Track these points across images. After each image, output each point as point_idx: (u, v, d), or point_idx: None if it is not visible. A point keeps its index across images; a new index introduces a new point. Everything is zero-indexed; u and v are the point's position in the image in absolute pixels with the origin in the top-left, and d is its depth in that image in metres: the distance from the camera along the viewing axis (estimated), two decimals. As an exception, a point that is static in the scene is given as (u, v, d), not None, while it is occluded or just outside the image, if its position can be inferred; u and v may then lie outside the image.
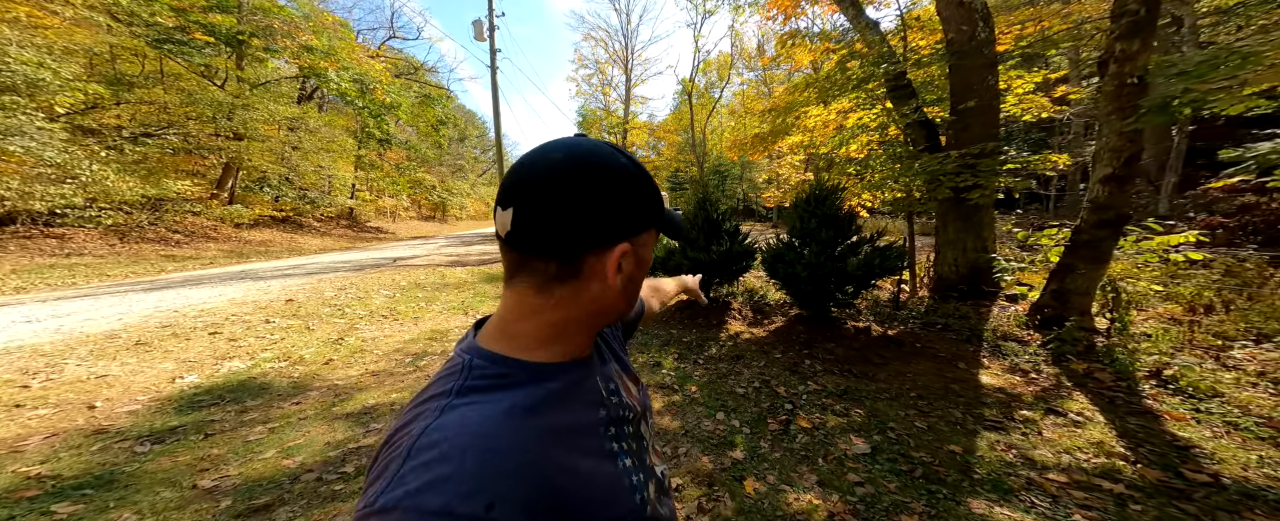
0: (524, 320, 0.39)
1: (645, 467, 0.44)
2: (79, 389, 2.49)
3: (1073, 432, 1.96)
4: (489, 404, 0.34)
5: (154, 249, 10.61)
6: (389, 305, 5.10)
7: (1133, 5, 2.33)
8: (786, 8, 6.44)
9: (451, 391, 0.35)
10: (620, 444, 0.42)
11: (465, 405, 0.34)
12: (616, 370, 0.50)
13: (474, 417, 0.33)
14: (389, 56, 21.37)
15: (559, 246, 0.37)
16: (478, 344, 0.40)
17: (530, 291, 0.38)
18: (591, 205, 0.36)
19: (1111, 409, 2.14)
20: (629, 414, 0.46)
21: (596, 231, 0.37)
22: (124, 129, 11.46)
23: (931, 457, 1.82)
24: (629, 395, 0.48)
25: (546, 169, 0.36)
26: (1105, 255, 2.80)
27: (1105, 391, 2.30)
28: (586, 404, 0.41)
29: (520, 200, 0.36)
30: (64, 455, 1.84)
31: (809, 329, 3.71)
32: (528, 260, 0.38)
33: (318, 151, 16.84)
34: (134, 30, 10.40)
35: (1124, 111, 2.38)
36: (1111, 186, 2.62)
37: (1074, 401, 2.23)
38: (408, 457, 0.29)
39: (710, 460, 1.97)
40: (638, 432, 0.46)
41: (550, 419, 0.36)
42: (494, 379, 0.37)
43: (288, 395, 2.58)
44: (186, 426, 2.12)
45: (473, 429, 0.32)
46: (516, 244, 0.37)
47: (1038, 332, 3.00)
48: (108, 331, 3.60)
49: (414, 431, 0.32)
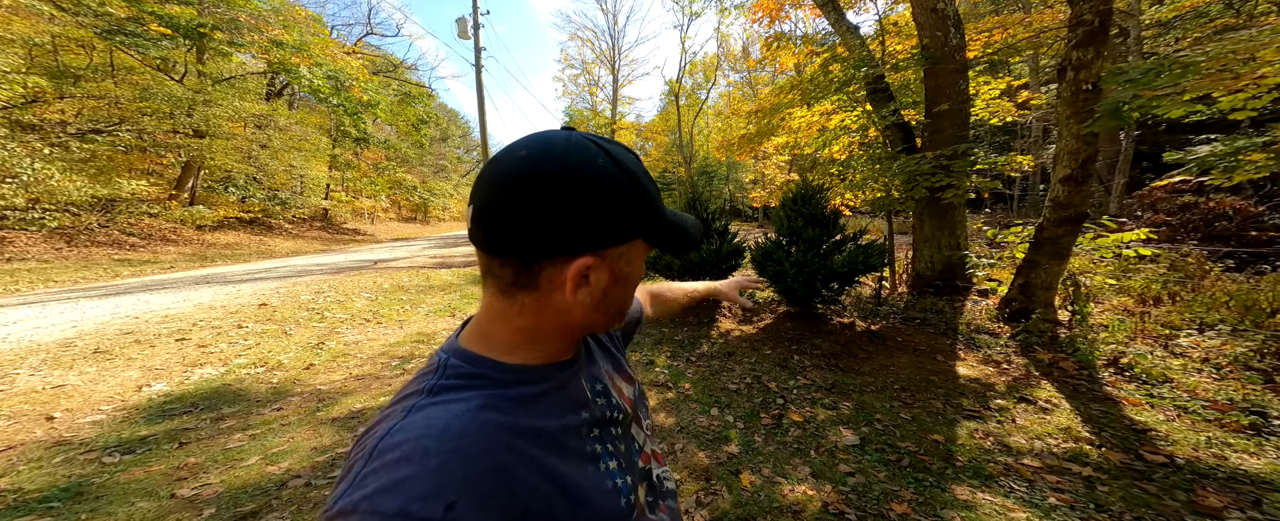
0: (495, 323, 0.38)
1: (634, 469, 0.42)
2: (34, 400, 2.32)
3: (1042, 419, 2.09)
4: (458, 403, 0.33)
5: (106, 252, 9.94)
6: (371, 308, 4.94)
7: (1087, 16, 2.51)
8: (771, 10, 6.60)
9: (423, 391, 0.34)
10: (605, 445, 0.40)
11: (434, 405, 0.33)
12: (607, 370, 0.48)
13: (440, 418, 0.32)
14: (366, 53, 20.71)
15: (514, 251, 0.35)
16: (458, 343, 0.39)
17: (496, 294, 0.37)
18: (547, 211, 0.33)
19: (1075, 396, 2.30)
20: (618, 415, 0.45)
21: (553, 241, 0.34)
22: (69, 125, 10.68)
23: (916, 447, 1.91)
24: (620, 396, 0.47)
25: (506, 167, 0.34)
26: (1066, 251, 3.00)
27: (1069, 380, 2.47)
28: (567, 406, 0.40)
29: (479, 197, 0.35)
30: (23, 468, 1.71)
31: (797, 325, 3.81)
32: (490, 261, 0.37)
33: (288, 150, 16.13)
34: (81, 20, 9.71)
35: (1080, 116, 2.57)
36: (1070, 187, 2.81)
37: (1042, 390, 2.38)
38: (369, 459, 0.29)
39: (706, 455, 2.01)
40: (627, 434, 0.45)
41: (524, 420, 0.35)
42: (467, 379, 0.36)
43: (267, 401, 2.47)
44: (158, 436, 2.01)
45: (437, 429, 0.30)
46: (476, 241, 0.36)
47: (1007, 325, 3.19)
48: (61, 340, 3.36)
49: (379, 432, 0.31)
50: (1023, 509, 1.52)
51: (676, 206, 5.12)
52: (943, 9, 3.69)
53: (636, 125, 28.31)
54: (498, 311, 0.38)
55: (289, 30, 12.71)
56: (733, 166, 27.21)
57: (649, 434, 0.50)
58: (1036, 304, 3.09)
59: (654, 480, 0.45)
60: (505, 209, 0.33)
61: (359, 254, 12.24)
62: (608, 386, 0.46)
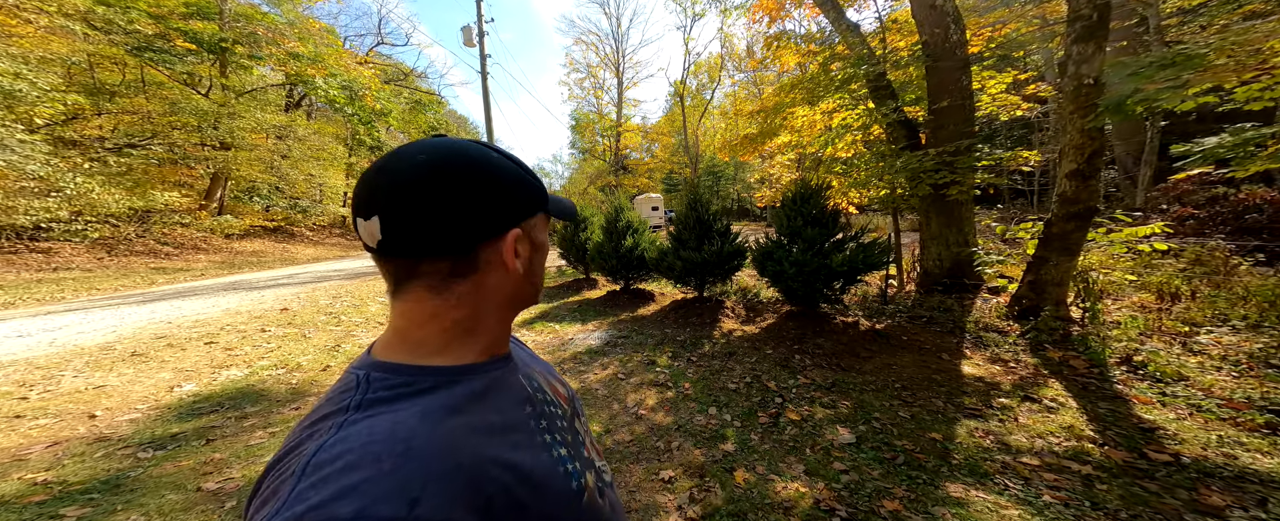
0: (423, 326, 0.38)
1: (582, 458, 0.44)
2: (78, 399, 2.51)
3: (1046, 418, 2.06)
4: (397, 412, 0.32)
5: (143, 261, 10.49)
6: (385, 312, 5.11)
7: (1085, 10, 2.45)
8: (772, 10, 6.58)
9: (349, 407, 0.32)
10: (551, 435, 0.41)
11: (368, 417, 0.31)
12: (539, 371, 0.50)
13: (382, 426, 0.30)
14: (377, 63, 21.31)
15: (450, 243, 0.36)
16: (373, 357, 0.38)
17: (426, 295, 0.37)
18: (476, 197, 0.36)
19: (1084, 394, 2.25)
20: (557, 410, 0.46)
21: (486, 221, 0.37)
22: (107, 140, 11.32)
23: (913, 445, 1.91)
24: (556, 394, 0.48)
25: (415, 171, 0.35)
26: (1075, 247, 2.92)
27: (1079, 378, 2.41)
28: (512, 400, 0.40)
29: (387, 207, 0.35)
30: (68, 462, 1.87)
31: (799, 325, 3.80)
32: (416, 265, 0.36)
33: (307, 159, 16.73)
34: (113, 39, 10.29)
35: (1083, 110, 2.51)
36: (1077, 181, 2.74)
37: (1049, 388, 2.33)
38: (303, 475, 0.27)
39: (702, 453, 2.04)
40: (571, 427, 0.47)
41: (472, 417, 0.35)
42: (397, 389, 0.34)
43: (287, 401, 2.61)
44: (187, 433, 2.15)
45: (382, 435, 0.30)
46: (394, 251, 0.36)
47: (1016, 323, 3.12)
48: (102, 344, 3.59)
49: (307, 451, 0.29)
50: (1016, 506, 1.52)
51: (681, 207, 5.15)
52: (941, 5, 3.63)
53: (642, 127, 28.37)
54: (429, 312, 0.37)
55: (304, 42, 13.19)
56: (739, 166, 27.02)
57: (585, 430, 0.52)
58: (1047, 301, 3.02)
59: (598, 469, 0.47)
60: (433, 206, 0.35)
61: (375, 259, 12.59)
62: (542, 385, 0.47)
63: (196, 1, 11.14)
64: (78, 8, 9.21)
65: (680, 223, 4.89)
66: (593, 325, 4.43)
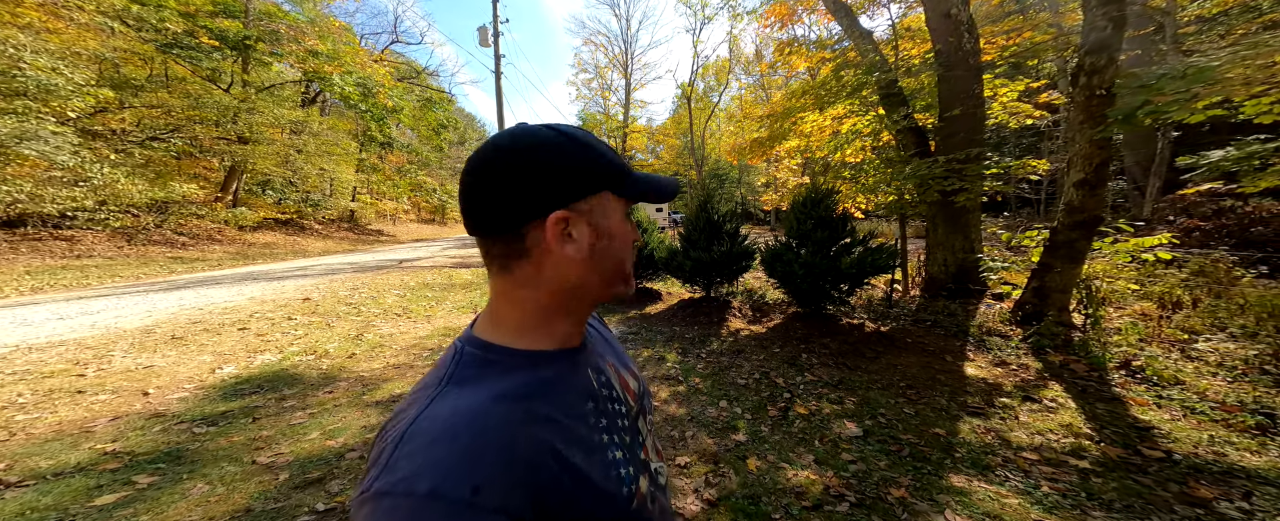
0: (503, 304, 0.41)
1: (638, 461, 0.43)
2: (130, 377, 2.67)
3: (1046, 417, 2.16)
4: (478, 391, 0.35)
5: (161, 251, 10.75)
6: (401, 304, 5.27)
7: (1100, 22, 2.53)
8: (784, 15, 6.67)
9: (443, 380, 0.36)
10: (611, 436, 0.41)
11: (454, 393, 0.35)
12: (612, 363, 0.49)
13: (463, 404, 0.33)
14: (391, 61, 21.59)
15: (498, 222, 0.38)
16: (472, 333, 0.41)
17: (499, 274, 0.40)
18: (515, 179, 0.37)
19: (1083, 396, 2.34)
20: (623, 408, 0.46)
21: (527, 203, 0.38)
22: (130, 133, 11.62)
23: (918, 439, 2.01)
24: (625, 390, 0.48)
25: (476, 156, 0.39)
26: (1080, 255, 3.01)
27: (1079, 381, 2.50)
28: (576, 394, 0.41)
29: (464, 190, 0.39)
30: (131, 435, 2.02)
31: (806, 325, 3.90)
32: (488, 243, 0.39)
33: (320, 154, 17.02)
34: (143, 35, 10.59)
35: (1094, 120, 2.59)
36: (1084, 191, 2.82)
37: (1049, 390, 2.43)
38: (399, 445, 0.31)
39: (714, 442, 2.15)
40: (633, 427, 0.46)
41: (537, 406, 0.36)
42: (482, 366, 0.38)
43: (319, 385, 2.76)
44: (234, 411, 2.30)
45: (461, 415, 0.32)
46: (472, 229, 0.40)
47: (1019, 328, 3.21)
48: (142, 327, 3.78)
49: (405, 420, 0.33)
50: (1016, 496, 1.62)
51: (688, 209, 5.26)
52: (956, 14, 3.71)
53: (648, 128, 28.48)
54: (503, 290, 0.40)
55: (323, 40, 13.44)
56: (744, 170, 27.06)
57: (651, 430, 0.51)
58: (1050, 307, 3.11)
59: (653, 472, 0.46)
60: (483, 188, 0.38)
61: (384, 254, 12.83)
62: (612, 379, 0.47)
63: (224, 0, 11.43)
64: (114, 5, 9.51)
65: (690, 223, 5.00)
66: (603, 321, 4.55)
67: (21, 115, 7.67)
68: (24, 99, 7.75)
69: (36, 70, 7.73)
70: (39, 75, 7.72)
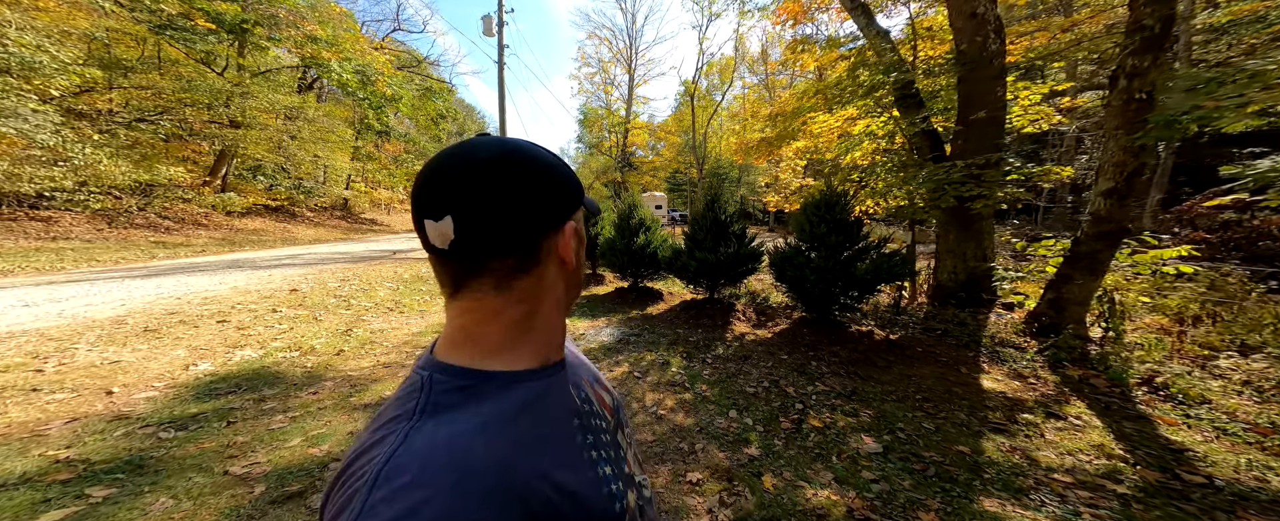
0: (487, 324, 0.38)
1: (624, 475, 0.43)
2: (94, 374, 2.48)
3: (1073, 435, 2.06)
4: (458, 421, 0.33)
5: (143, 234, 10.43)
6: (394, 297, 5.09)
7: (1148, 21, 2.41)
8: (796, 12, 6.53)
9: (414, 412, 0.33)
10: (598, 451, 0.41)
11: (432, 425, 0.32)
12: (587, 379, 0.49)
13: (443, 437, 0.31)
14: (392, 49, 21.21)
15: (520, 239, 0.36)
16: (435, 358, 0.38)
17: (491, 292, 0.37)
18: (540, 191, 0.37)
19: (1107, 413, 2.24)
20: (603, 423, 0.45)
21: (549, 215, 0.38)
22: (117, 113, 11.24)
23: (942, 457, 1.90)
24: (602, 405, 0.48)
25: (481, 167, 0.35)
26: (1102, 267, 2.91)
27: (1101, 397, 2.41)
28: (561, 412, 0.40)
29: (462, 205, 0.34)
30: (89, 440, 1.84)
31: (814, 331, 3.79)
32: (482, 264, 0.36)
33: (315, 141, 16.66)
34: (136, 16, 10.23)
35: (1131, 126, 2.48)
36: (1112, 201, 2.72)
37: (1072, 406, 2.33)
38: (375, 485, 0.28)
39: (726, 456, 2.03)
40: (614, 441, 0.45)
41: (524, 430, 0.35)
42: (459, 393, 0.35)
43: (303, 385, 2.59)
44: (207, 414, 2.12)
45: (444, 450, 0.30)
46: (465, 249, 0.35)
47: (1034, 340, 3.11)
48: (113, 317, 3.56)
49: (379, 458, 0.30)
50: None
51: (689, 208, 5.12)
52: (982, 13, 3.58)
53: (649, 125, 28.28)
54: (492, 309, 0.38)
55: (323, 26, 13.11)
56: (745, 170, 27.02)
57: (630, 443, 0.50)
58: (1067, 319, 3.02)
59: (638, 485, 0.46)
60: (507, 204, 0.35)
61: (377, 243, 12.57)
62: (590, 394, 0.46)
63: (222, -17, 11.09)
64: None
65: (696, 223, 4.87)
66: (602, 321, 4.42)
67: (2, 92, 7.35)
68: (5, 76, 7.42)
69: (20, 47, 7.40)
70: (22, 52, 7.40)
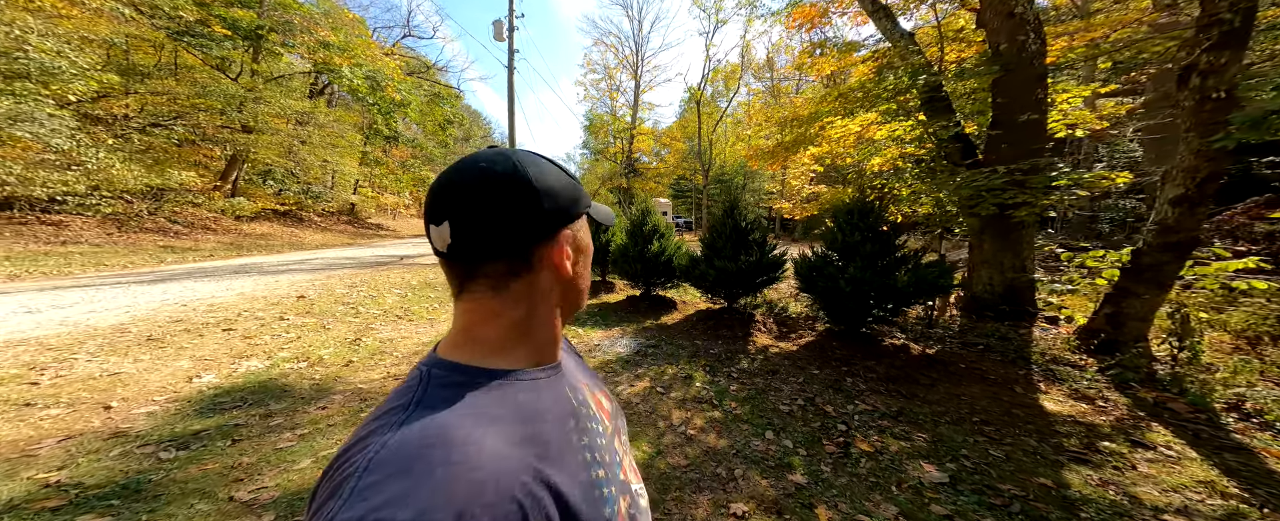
0: (486, 324, 0.39)
1: (618, 481, 0.43)
2: (92, 387, 2.33)
3: (1171, 469, 1.84)
4: (451, 412, 0.33)
5: (152, 239, 10.43)
6: (402, 305, 4.96)
7: (1226, 15, 2.23)
8: (813, 16, 6.43)
9: (409, 404, 0.34)
10: (592, 455, 0.41)
11: (426, 415, 0.33)
12: (585, 383, 0.49)
13: (436, 428, 0.31)
14: (402, 55, 21.45)
15: (508, 246, 0.38)
16: (437, 355, 0.39)
17: (488, 294, 0.39)
18: (527, 204, 0.38)
19: (1199, 443, 2.02)
20: (599, 427, 0.45)
21: (538, 225, 0.39)
22: (132, 118, 11.34)
23: (1021, 490, 1.70)
24: (599, 409, 0.48)
25: (477, 179, 0.37)
26: (1168, 280, 2.70)
27: (1186, 424, 2.19)
28: (556, 412, 0.40)
29: (456, 213, 0.37)
30: (83, 460, 1.69)
31: (844, 345, 3.60)
32: (477, 267, 0.38)
33: (325, 146, 16.74)
34: (155, 22, 10.37)
35: (1205, 128, 2.29)
36: (1182, 209, 2.52)
37: (1156, 433, 2.11)
38: (366, 472, 0.28)
39: (770, 484, 1.85)
40: (610, 446, 0.46)
41: (517, 426, 0.35)
42: (455, 387, 0.36)
43: (311, 398, 2.43)
44: (211, 431, 1.97)
45: (435, 437, 0.30)
46: (461, 253, 0.38)
47: (1092, 358, 2.90)
48: (116, 325, 3.43)
49: (372, 446, 0.30)
50: (1172, 580, 1.31)
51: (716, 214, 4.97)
52: (1021, 12, 3.41)
53: (654, 131, 28.33)
54: (490, 311, 0.39)
55: (336, 32, 13.28)
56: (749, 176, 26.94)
57: (625, 448, 0.51)
58: (1128, 336, 2.80)
59: (633, 494, 0.45)
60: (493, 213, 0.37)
61: (384, 248, 12.51)
62: (587, 398, 0.47)
63: (240, -11, 11.27)
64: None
65: (714, 230, 4.71)
66: (616, 331, 4.25)
67: (20, 97, 7.40)
68: (24, 81, 7.48)
69: (40, 53, 7.47)
70: (42, 58, 7.47)
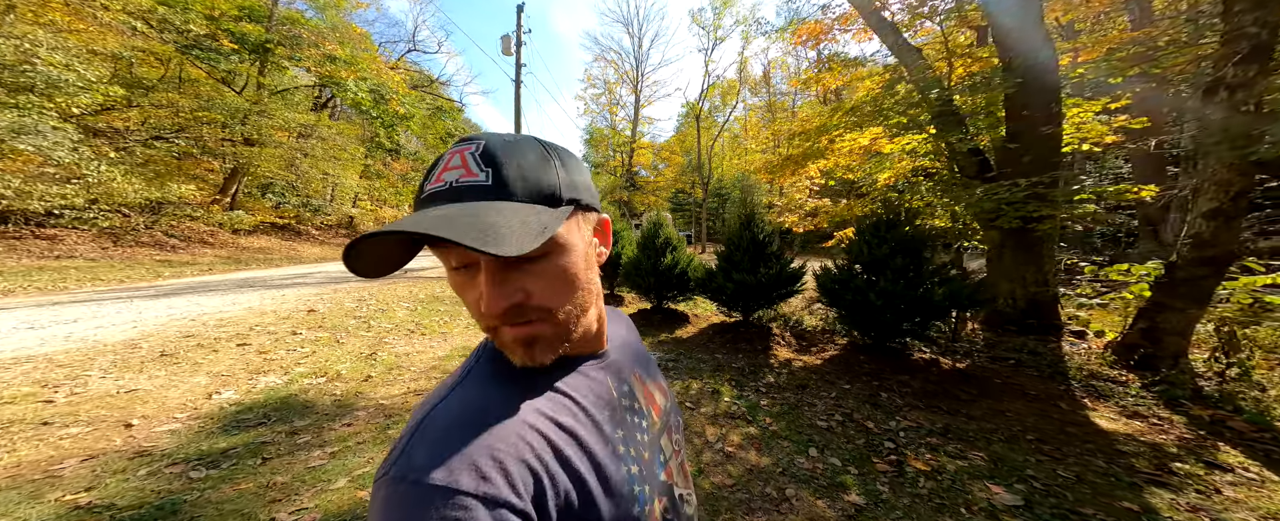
0: None
1: (654, 480, 0.42)
2: (110, 404, 2.21)
3: (1257, 492, 1.76)
4: (494, 388, 0.36)
5: (148, 253, 10.24)
6: (413, 319, 4.86)
7: (1251, 28, 2.31)
8: (817, 33, 6.61)
9: (463, 376, 0.38)
10: (628, 449, 0.40)
11: (474, 388, 0.35)
12: (638, 375, 0.49)
13: (478, 400, 0.34)
14: (407, 69, 21.78)
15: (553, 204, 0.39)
16: None
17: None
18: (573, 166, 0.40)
19: (1274, 464, 1.95)
20: (644, 422, 0.45)
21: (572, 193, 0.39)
22: (135, 131, 11.28)
23: (1108, 516, 1.62)
24: (650, 403, 0.48)
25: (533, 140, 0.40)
26: (1206, 295, 2.69)
27: (1252, 443, 2.12)
28: (596, 402, 0.40)
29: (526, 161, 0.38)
30: (110, 481, 1.58)
31: (872, 359, 3.55)
32: None
33: (327, 159, 16.73)
34: (164, 36, 10.46)
35: (1235, 141, 2.33)
36: (1218, 222, 2.54)
37: (1227, 454, 2.04)
38: (414, 433, 0.31)
39: (825, 505, 1.77)
40: (654, 444, 0.45)
41: (553, 409, 0.36)
42: (502, 366, 0.38)
43: (334, 415, 2.33)
44: (238, 449, 1.86)
45: (475, 410, 0.33)
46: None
47: (1133, 374, 2.86)
48: (126, 340, 3.30)
49: (426, 408, 0.34)
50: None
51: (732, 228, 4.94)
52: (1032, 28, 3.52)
53: (653, 145, 28.74)
54: None
55: (343, 46, 13.46)
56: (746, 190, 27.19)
57: (677, 448, 0.50)
58: (1165, 351, 2.78)
59: (675, 498, 0.45)
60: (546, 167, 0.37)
61: (388, 263, 12.36)
62: (634, 390, 0.46)
63: (249, 5, 11.44)
64: (140, 6, 9.43)
65: (732, 243, 4.69)
66: (638, 346, 4.17)
67: (24, 110, 7.35)
68: (29, 94, 7.43)
69: (48, 65, 7.46)
70: (50, 71, 7.46)
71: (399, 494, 0.28)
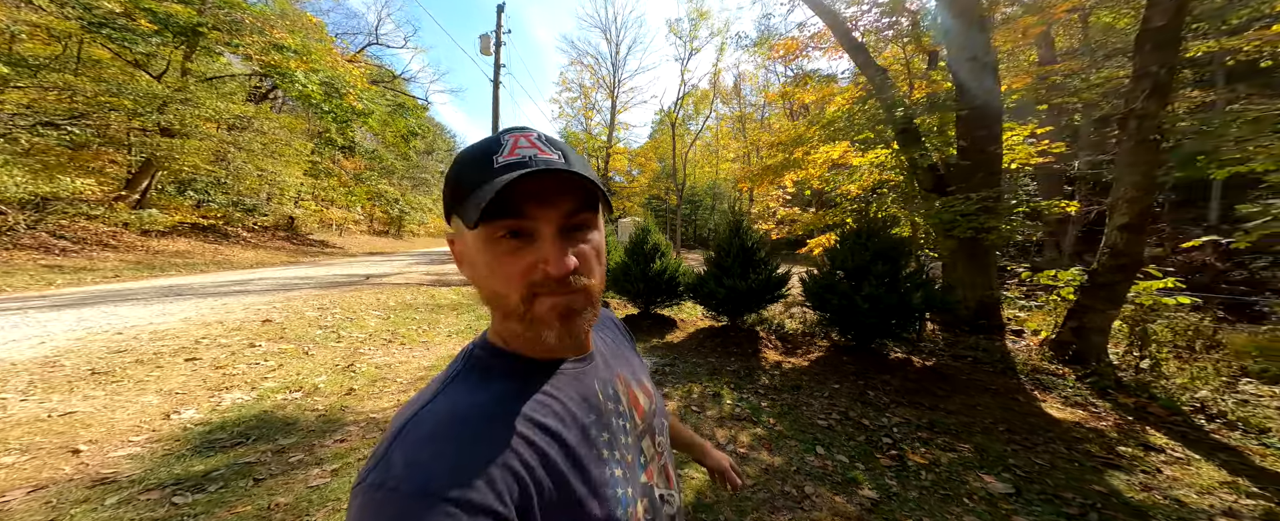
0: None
1: (636, 482, 0.42)
2: (43, 429, 1.85)
3: (1186, 470, 2.06)
4: (478, 391, 0.36)
5: (30, 256, 8.63)
6: (388, 327, 4.52)
7: (1153, 69, 2.81)
8: (792, 50, 7.03)
9: (448, 377, 0.37)
10: (612, 451, 0.40)
11: (457, 391, 0.35)
12: (624, 376, 0.49)
13: (461, 403, 0.34)
14: (366, 62, 20.36)
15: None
16: (486, 337, 0.42)
17: None
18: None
19: (1190, 444, 2.31)
20: (626, 423, 0.44)
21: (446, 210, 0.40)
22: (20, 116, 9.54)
23: (1084, 498, 1.83)
24: (634, 405, 0.47)
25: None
26: (1120, 297, 3.20)
27: (1171, 426, 2.50)
28: (580, 404, 0.40)
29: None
30: (75, 512, 1.34)
31: (854, 360, 3.78)
32: None
33: (265, 154, 15.12)
34: (66, 12, 9.00)
35: (1144, 165, 2.82)
36: (1129, 235, 3.04)
37: (1156, 436, 2.38)
38: (395, 438, 0.31)
39: (844, 500, 1.88)
40: (636, 446, 0.45)
41: (536, 413, 0.36)
42: (486, 369, 0.38)
43: (322, 431, 2.13)
44: (222, 471, 1.64)
45: (458, 415, 0.33)
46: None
47: (1067, 367, 3.30)
48: (39, 358, 2.76)
49: (407, 413, 0.33)
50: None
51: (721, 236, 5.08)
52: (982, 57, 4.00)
53: (628, 151, 28.89)
54: None
55: (293, 34, 12.35)
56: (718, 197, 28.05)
57: (660, 450, 0.50)
58: (1090, 347, 3.24)
59: (655, 499, 0.44)
60: None
61: (337, 267, 11.33)
62: (619, 392, 0.46)
63: (179, -18, 10.17)
64: None
65: (721, 250, 4.84)
66: (630, 352, 4.15)
67: None
68: None
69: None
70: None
71: (376, 501, 0.27)
